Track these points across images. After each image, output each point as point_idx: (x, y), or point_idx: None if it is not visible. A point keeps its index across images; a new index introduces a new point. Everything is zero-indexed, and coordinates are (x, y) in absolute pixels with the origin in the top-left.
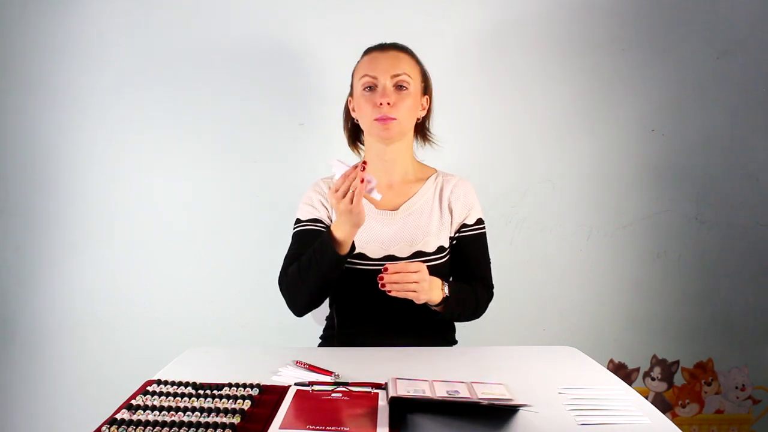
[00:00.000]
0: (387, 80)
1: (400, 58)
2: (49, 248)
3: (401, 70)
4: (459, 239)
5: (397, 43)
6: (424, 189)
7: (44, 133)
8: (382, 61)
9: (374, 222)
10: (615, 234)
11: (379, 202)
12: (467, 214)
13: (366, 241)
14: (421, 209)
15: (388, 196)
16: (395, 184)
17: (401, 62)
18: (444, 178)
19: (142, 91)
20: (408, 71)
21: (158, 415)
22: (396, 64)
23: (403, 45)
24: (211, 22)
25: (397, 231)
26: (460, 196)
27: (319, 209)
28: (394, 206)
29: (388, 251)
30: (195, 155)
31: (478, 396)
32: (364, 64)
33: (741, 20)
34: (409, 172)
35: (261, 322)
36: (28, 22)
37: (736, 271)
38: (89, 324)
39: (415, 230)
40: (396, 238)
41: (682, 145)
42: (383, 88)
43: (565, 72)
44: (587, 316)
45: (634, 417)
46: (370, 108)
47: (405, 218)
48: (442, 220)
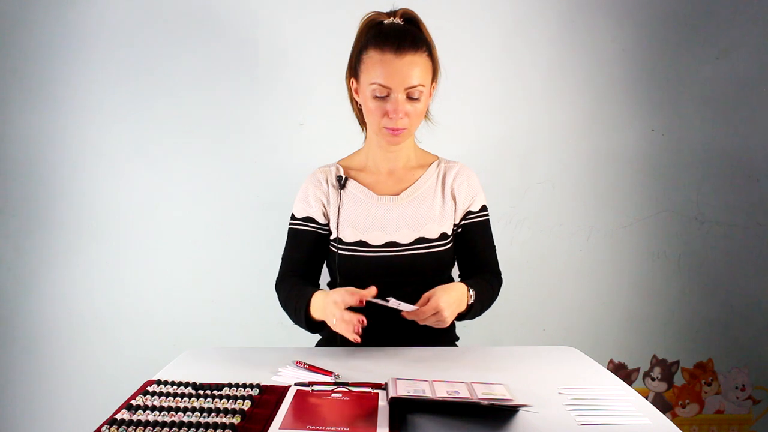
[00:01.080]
0: (401, 92)
1: (415, 64)
2: (49, 248)
3: (417, 81)
4: (464, 227)
5: (410, 27)
6: (426, 175)
7: (44, 133)
8: (397, 71)
9: (376, 208)
10: (615, 234)
11: (378, 189)
12: (472, 200)
13: (368, 229)
14: (424, 195)
15: (389, 182)
16: (397, 170)
17: (417, 70)
18: (446, 165)
19: (142, 91)
20: (422, 79)
21: (158, 416)
22: (411, 75)
23: (416, 27)
24: (212, 22)
25: (399, 216)
26: (464, 182)
27: (313, 205)
28: (396, 191)
29: (391, 237)
30: (195, 155)
31: (478, 396)
32: (375, 67)
33: (741, 20)
34: (412, 159)
35: (261, 322)
36: (28, 22)
37: (736, 271)
38: (89, 324)
39: (417, 216)
40: (398, 224)
41: (682, 145)
42: (395, 100)
43: (565, 72)
44: (587, 316)
45: (634, 417)
46: (380, 116)
47: (407, 203)
48: (445, 207)
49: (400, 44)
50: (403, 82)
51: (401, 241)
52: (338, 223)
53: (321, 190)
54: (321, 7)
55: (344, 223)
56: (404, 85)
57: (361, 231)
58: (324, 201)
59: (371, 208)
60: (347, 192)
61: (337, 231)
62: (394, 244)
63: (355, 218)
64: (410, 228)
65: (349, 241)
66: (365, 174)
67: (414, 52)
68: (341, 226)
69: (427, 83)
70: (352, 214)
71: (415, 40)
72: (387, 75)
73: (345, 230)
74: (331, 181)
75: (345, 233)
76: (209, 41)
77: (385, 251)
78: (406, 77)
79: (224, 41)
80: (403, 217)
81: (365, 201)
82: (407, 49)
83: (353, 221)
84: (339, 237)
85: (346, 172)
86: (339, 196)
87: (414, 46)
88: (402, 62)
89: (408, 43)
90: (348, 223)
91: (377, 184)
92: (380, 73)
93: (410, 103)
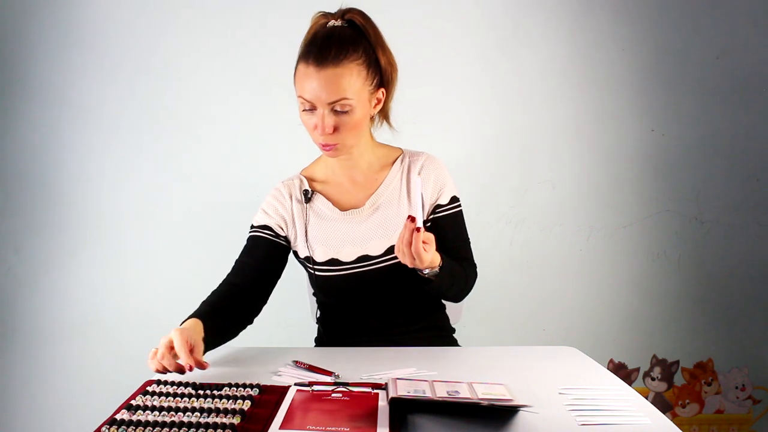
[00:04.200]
0: (324, 107)
1: (339, 76)
2: (49, 249)
3: (338, 96)
4: (434, 221)
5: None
6: (389, 178)
7: (44, 135)
8: (318, 86)
9: (342, 224)
10: (615, 234)
11: (344, 202)
12: (439, 193)
13: (338, 246)
14: (389, 200)
15: (353, 192)
16: (359, 179)
17: (341, 83)
18: (411, 158)
19: (142, 91)
20: (349, 91)
21: (158, 416)
22: (333, 89)
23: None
24: (213, 22)
25: (367, 228)
26: (430, 176)
27: (272, 216)
28: (361, 200)
29: (362, 251)
30: (195, 155)
31: (478, 396)
32: (300, 80)
33: (741, 20)
34: (374, 162)
35: (261, 322)
36: (28, 23)
37: (736, 271)
38: (89, 324)
39: (385, 224)
40: (368, 236)
41: (682, 145)
42: (321, 116)
43: (565, 72)
44: (587, 316)
45: (634, 417)
46: (311, 129)
47: (372, 213)
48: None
49: (323, 56)
50: (325, 96)
51: (373, 253)
52: (307, 241)
53: (284, 207)
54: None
55: (314, 241)
56: (326, 100)
57: (332, 248)
58: (286, 217)
59: (339, 225)
60: (313, 207)
61: (307, 249)
62: (366, 258)
63: (324, 236)
64: (381, 237)
65: (321, 260)
66: (329, 186)
67: (336, 64)
68: (311, 244)
69: (360, 92)
70: (321, 232)
71: (340, 50)
72: (309, 90)
73: (316, 249)
74: (296, 195)
75: (316, 252)
76: (209, 41)
77: (357, 267)
78: (327, 92)
79: (224, 41)
80: (372, 227)
81: (332, 217)
82: (329, 62)
83: (323, 239)
84: (310, 256)
85: (310, 185)
86: (305, 211)
87: (337, 58)
88: (322, 76)
89: (332, 55)
90: (318, 241)
91: (342, 196)
92: (304, 87)
93: (338, 117)
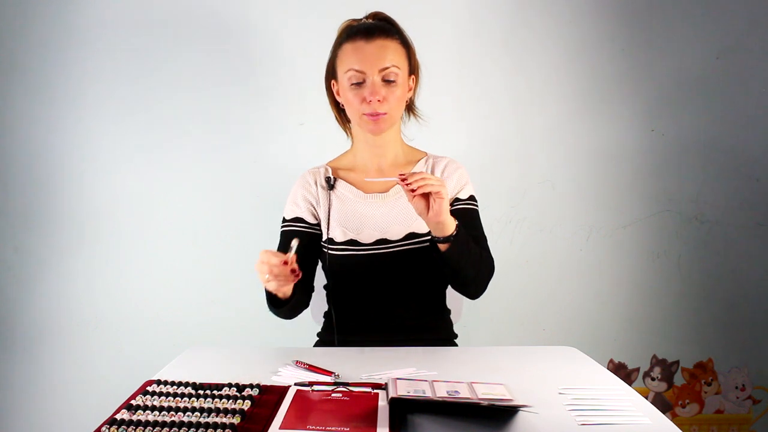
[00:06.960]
0: (375, 75)
1: (386, 47)
2: (49, 249)
3: (389, 63)
4: (452, 213)
5: (380, 22)
6: (415, 170)
7: (43, 134)
8: (369, 54)
9: (365, 206)
10: (615, 234)
11: (368, 188)
12: (460, 189)
13: (358, 228)
14: None
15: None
16: (385, 168)
17: (389, 52)
18: (435, 160)
19: (142, 91)
20: (396, 61)
21: (158, 416)
22: (383, 56)
23: (387, 23)
24: (212, 22)
25: (388, 213)
26: (453, 173)
27: (302, 206)
28: (384, 189)
29: (381, 234)
30: (195, 155)
31: (478, 396)
32: (348, 55)
33: (741, 20)
34: (399, 156)
35: (261, 322)
36: (28, 20)
37: (736, 271)
38: (89, 324)
39: (407, 211)
40: (388, 221)
41: (682, 145)
42: (372, 84)
43: (565, 72)
44: (587, 316)
45: (634, 417)
46: (359, 103)
47: (396, 200)
48: None
49: (371, 32)
50: (376, 63)
51: (392, 237)
52: (329, 224)
53: (310, 192)
54: (322, 9)
55: (335, 223)
56: (377, 66)
57: (352, 230)
58: (313, 201)
59: (361, 207)
60: (336, 192)
61: (327, 232)
62: (385, 241)
63: (345, 218)
64: (401, 224)
65: (340, 241)
66: (354, 173)
67: (384, 37)
68: (332, 227)
69: (403, 67)
70: (342, 215)
71: (385, 29)
72: (360, 59)
73: (336, 231)
74: (320, 182)
75: (336, 234)
76: (210, 41)
77: (376, 249)
78: (379, 59)
79: (225, 41)
80: (393, 213)
81: (354, 200)
82: (377, 35)
83: (344, 221)
84: (330, 237)
85: (334, 173)
86: (328, 196)
87: (384, 33)
88: (373, 45)
89: (379, 30)
90: (338, 223)
91: (366, 183)
92: (354, 59)
93: (387, 87)
